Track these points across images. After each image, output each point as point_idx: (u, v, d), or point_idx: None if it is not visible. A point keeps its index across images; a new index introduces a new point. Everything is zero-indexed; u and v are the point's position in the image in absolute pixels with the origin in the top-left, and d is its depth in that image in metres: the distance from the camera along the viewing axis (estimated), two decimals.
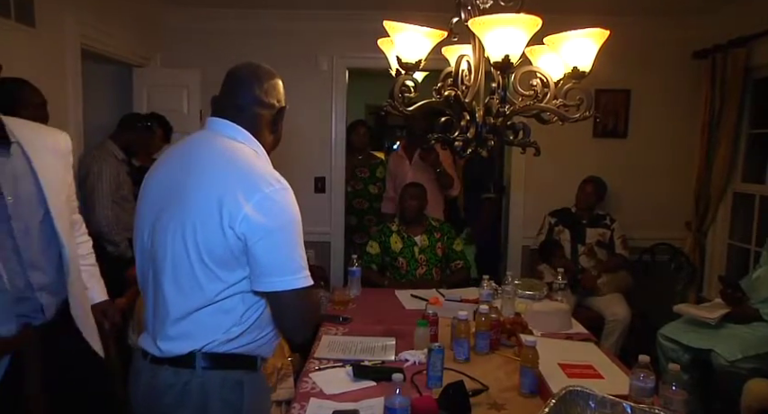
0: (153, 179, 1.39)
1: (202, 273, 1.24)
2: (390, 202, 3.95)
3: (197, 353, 1.28)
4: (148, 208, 1.35)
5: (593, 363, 1.90)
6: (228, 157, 1.29)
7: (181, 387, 1.28)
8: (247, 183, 1.23)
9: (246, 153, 1.31)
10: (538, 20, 1.41)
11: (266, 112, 1.39)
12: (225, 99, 1.39)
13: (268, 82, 1.39)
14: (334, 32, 4.02)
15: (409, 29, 1.51)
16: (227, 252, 1.22)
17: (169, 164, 1.38)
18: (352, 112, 4.59)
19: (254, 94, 1.37)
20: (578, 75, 1.60)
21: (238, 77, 1.38)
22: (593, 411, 1.38)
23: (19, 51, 2.52)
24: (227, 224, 1.20)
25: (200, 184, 1.25)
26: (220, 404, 1.29)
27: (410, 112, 1.59)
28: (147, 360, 1.32)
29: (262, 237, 1.21)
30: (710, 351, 2.56)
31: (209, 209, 1.21)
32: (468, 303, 2.47)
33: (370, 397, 1.67)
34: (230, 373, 1.31)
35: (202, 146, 1.34)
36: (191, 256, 1.23)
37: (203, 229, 1.22)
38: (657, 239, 4.00)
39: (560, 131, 2.16)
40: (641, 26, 3.78)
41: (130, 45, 3.58)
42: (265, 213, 1.21)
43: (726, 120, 3.61)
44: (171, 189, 1.30)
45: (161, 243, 1.28)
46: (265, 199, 1.22)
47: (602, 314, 3.40)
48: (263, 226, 1.21)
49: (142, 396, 1.34)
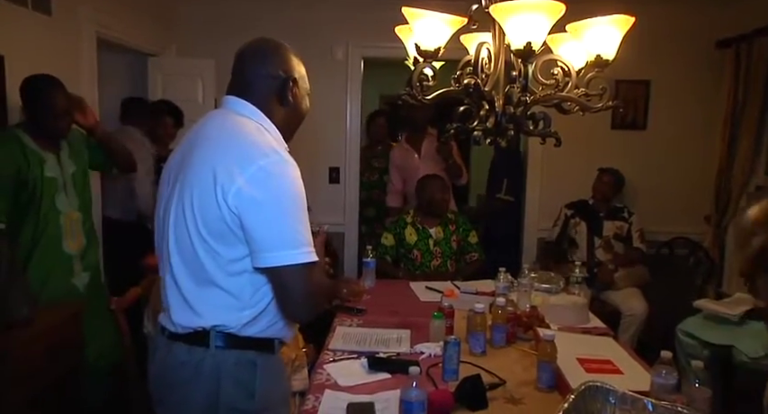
0: (170, 161, 1.41)
1: (201, 247, 1.24)
2: (397, 195, 3.90)
3: (211, 331, 1.27)
4: (164, 187, 1.38)
5: (612, 358, 1.87)
6: (230, 131, 1.29)
7: (194, 365, 1.28)
8: (242, 155, 1.22)
9: (248, 126, 1.30)
10: (561, 5, 1.37)
11: (272, 84, 1.37)
12: (234, 77, 1.40)
13: (272, 54, 1.38)
14: (349, 21, 3.99)
15: (429, 15, 1.48)
16: (222, 225, 1.22)
17: (183, 144, 1.40)
18: (366, 103, 4.56)
19: (258, 67, 1.36)
20: (601, 63, 1.57)
21: (244, 55, 1.39)
22: (613, 407, 1.35)
23: (35, 39, 2.52)
24: (221, 197, 1.19)
25: (199, 158, 1.26)
26: (233, 384, 1.28)
27: (429, 100, 1.56)
28: (165, 336, 1.34)
29: (255, 210, 1.20)
30: (731, 347, 2.52)
31: (206, 182, 1.22)
32: (484, 296, 2.45)
33: (385, 390, 1.65)
34: (245, 353, 1.30)
35: (210, 123, 1.36)
36: (189, 230, 1.25)
37: (200, 203, 1.22)
38: (676, 233, 3.94)
39: (578, 122, 2.11)
40: (662, 15, 3.68)
41: (145, 34, 3.58)
42: (259, 185, 1.19)
43: (749, 112, 3.53)
44: (180, 166, 1.32)
45: (168, 218, 1.31)
46: (260, 170, 1.20)
47: (619, 308, 3.35)
48: (256, 198, 1.19)
49: (156, 371, 1.36)
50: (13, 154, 2.12)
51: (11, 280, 1.82)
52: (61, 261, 2.27)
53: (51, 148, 2.26)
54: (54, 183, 2.23)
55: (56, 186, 2.24)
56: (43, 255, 2.20)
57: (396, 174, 3.90)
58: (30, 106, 2.19)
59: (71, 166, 2.34)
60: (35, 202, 2.17)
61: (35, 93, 2.17)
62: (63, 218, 2.27)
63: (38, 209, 2.18)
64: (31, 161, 2.16)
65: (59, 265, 2.27)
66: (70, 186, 2.32)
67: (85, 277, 2.36)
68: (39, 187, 2.17)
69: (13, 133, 2.19)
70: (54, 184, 2.23)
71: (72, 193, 2.32)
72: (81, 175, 2.40)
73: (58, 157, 2.28)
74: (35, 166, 2.17)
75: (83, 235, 2.37)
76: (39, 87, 2.18)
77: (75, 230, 2.33)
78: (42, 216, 2.19)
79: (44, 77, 2.20)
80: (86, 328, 2.19)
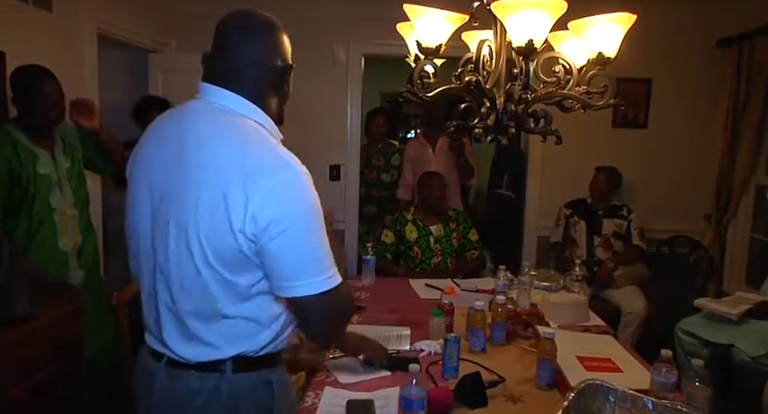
0: (145, 159, 1.19)
1: (213, 279, 1.08)
2: (407, 188, 3.92)
3: (228, 360, 1.15)
4: (144, 192, 1.16)
5: (612, 356, 1.87)
6: (230, 138, 1.09)
7: (208, 393, 1.15)
8: (253, 171, 1.03)
9: (249, 131, 1.11)
10: (563, 3, 1.37)
11: (267, 75, 1.18)
12: (217, 61, 1.17)
13: (266, 37, 1.17)
14: (349, 18, 3.98)
15: (430, 12, 1.47)
16: (238, 255, 1.06)
17: (163, 142, 1.17)
18: (366, 100, 4.56)
19: (249, 54, 1.15)
20: (603, 61, 1.57)
21: (229, 33, 1.16)
22: (612, 406, 1.35)
23: (36, 35, 2.52)
24: (235, 224, 1.03)
25: (201, 177, 1.06)
26: (251, 407, 1.19)
27: (429, 98, 1.55)
28: (163, 363, 1.18)
29: (276, 236, 1.04)
30: (731, 346, 2.52)
31: (213, 207, 1.04)
32: (484, 293, 2.45)
33: (384, 387, 1.65)
34: (260, 373, 1.19)
35: (198, 122, 1.13)
36: (196, 262, 1.07)
37: (208, 231, 1.05)
38: (676, 232, 3.93)
39: (579, 120, 2.11)
40: (664, 13, 3.67)
41: (146, 30, 3.57)
42: (277, 207, 1.03)
43: (751, 111, 3.52)
44: (169, 177, 1.12)
45: (162, 243, 1.12)
46: (275, 189, 1.03)
47: (619, 306, 3.35)
48: (277, 222, 1.03)
49: (160, 400, 1.19)
50: (4, 151, 2.10)
51: (12, 275, 1.82)
52: (57, 258, 2.26)
53: (44, 144, 2.24)
54: (47, 179, 2.21)
55: (49, 183, 2.22)
56: (38, 252, 2.19)
57: (408, 167, 3.92)
58: (20, 97, 2.16)
59: (65, 161, 2.32)
60: (28, 199, 2.15)
61: (25, 82, 2.14)
62: (57, 215, 2.25)
63: (31, 206, 2.16)
64: (23, 158, 2.14)
65: (55, 263, 2.25)
66: (65, 182, 2.29)
67: (82, 274, 2.36)
68: (32, 184, 2.16)
69: (4, 129, 2.16)
70: (47, 181, 2.21)
71: (67, 189, 2.30)
72: (76, 171, 2.38)
73: (51, 153, 2.25)
74: (27, 162, 2.15)
75: (78, 232, 2.35)
76: (29, 77, 2.15)
77: (71, 227, 2.31)
78: (36, 213, 2.18)
79: (34, 67, 2.18)
80: (86, 324, 2.19)
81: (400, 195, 3.99)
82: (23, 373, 1.82)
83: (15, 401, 1.77)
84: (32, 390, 1.85)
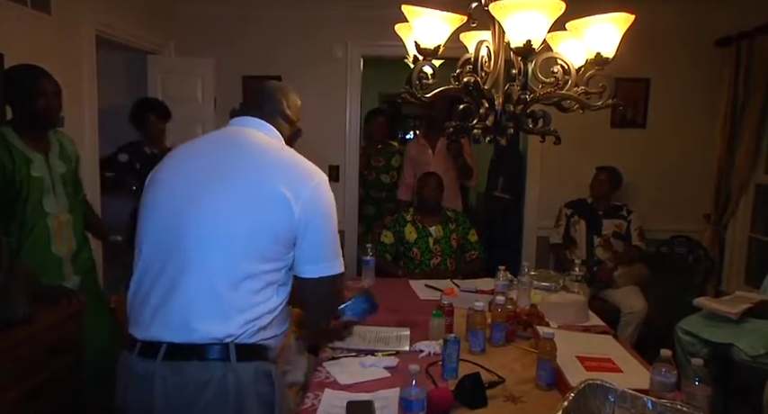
0: (177, 168, 1.38)
1: (249, 249, 1.26)
2: (408, 188, 3.93)
3: (230, 344, 1.24)
4: (172, 197, 1.32)
5: (612, 356, 1.87)
6: (273, 147, 1.39)
7: (217, 382, 1.22)
8: (301, 173, 1.33)
9: (284, 147, 1.42)
10: (561, 3, 1.37)
11: (287, 127, 1.49)
12: (250, 107, 1.46)
13: (293, 99, 1.50)
14: (348, 19, 3.98)
15: (428, 13, 1.47)
16: (286, 233, 1.28)
17: (197, 153, 1.40)
18: (365, 101, 4.57)
19: (280, 106, 1.47)
20: (601, 61, 1.57)
21: (266, 89, 1.49)
22: (612, 405, 1.35)
23: (35, 38, 2.52)
24: (289, 209, 1.26)
25: (254, 168, 1.31)
26: (256, 399, 1.26)
27: (428, 98, 1.56)
28: (159, 358, 1.23)
29: (315, 224, 1.30)
30: (731, 346, 2.52)
31: (269, 193, 1.27)
32: (484, 294, 2.45)
33: (384, 388, 1.65)
34: (260, 364, 1.29)
35: (238, 135, 1.40)
36: (236, 237, 1.26)
37: (264, 220, 1.27)
38: (675, 232, 3.93)
39: (578, 120, 2.11)
40: (662, 13, 3.67)
41: (145, 32, 3.57)
42: (318, 202, 1.32)
43: (750, 110, 3.53)
44: (209, 175, 1.31)
45: (195, 225, 1.27)
46: (317, 187, 1.32)
47: (618, 306, 3.35)
48: (317, 213, 1.31)
49: (162, 400, 1.22)
50: None
51: (11, 277, 1.81)
52: (50, 263, 2.22)
53: (39, 147, 2.20)
54: (41, 183, 2.17)
55: (42, 187, 2.18)
56: (30, 257, 2.14)
57: (409, 168, 3.93)
58: (16, 95, 2.14)
59: (60, 166, 2.28)
60: (20, 202, 2.12)
61: (21, 79, 2.12)
62: (51, 219, 2.20)
63: (23, 209, 2.13)
64: (17, 160, 2.11)
65: (48, 268, 2.21)
66: (59, 187, 2.25)
67: (77, 280, 2.32)
68: (24, 187, 2.12)
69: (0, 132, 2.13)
70: (40, 185, 2.17)
71: (61, 193, 2.26)
72: (71, 176, 2.34)
73: (46, 157, 2.21)
74: (21, 165, 2.11)
75: (73, 237, 2.32)
76: (24, 73, 2.14)
77: (65, 232, 2.27)
78: (28, 217, 2.14)
79: (29, 65, 2.17)
80: (83, 328, 2.18)
81: (401, 196, 4.00)
82: (22, 375, 1.81)
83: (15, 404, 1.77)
84: (31, 392, 1.85)
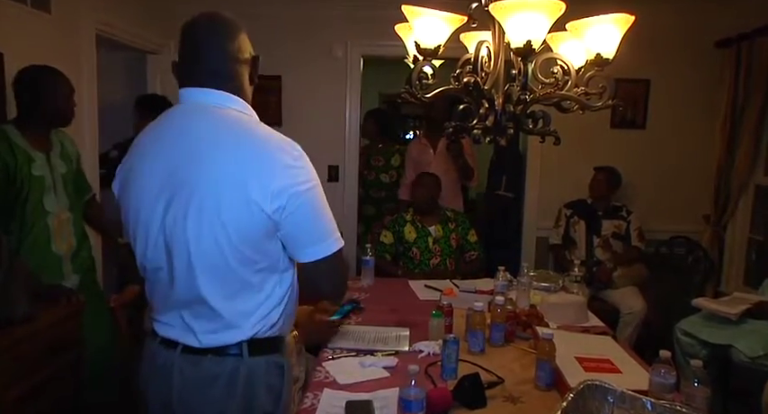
0: (146, 165, 1.24)
1: (232, 256, 1.17)
2: (408, 188, 3.92)
3: (243, 343, 1.23)
4: (151, 197, 1.21)
5: (611, 356, 1.87)
6: (235, 130, 1.20)
7: (227, 376, 1.22)
8: (267, 157, 1.16)
9: (247, 122, 1.23)
10: (561, 4, 1.38)
11: (244, 69, 1.28)
12: (192, 64, 1.24)
13: (235, 35, 1.25)
14: (348, 19, 3.98)
15: (428, 13, 1.47)
16: (257, 230, 1.16)
17: (163, 146, 1.23)
18: (365, 101, 4.56)
19: (225, 52, 1.23)
20: (601, 62, 1.57)
21: (199, 37, 1.23)
22: (611, 406, 1.35)
23: (35, 37, 2.52)
24: (256, 203, 1.13)
25: (215, 165, 1.15)
26: (265, 391, 1.26)
27: (428, 98, 1.56)
28: (178, 351, 1.24)
29: (293, 209, 1.16)
30: (730, 347, 2.52)
31: (232, 189, 1.14)
32: (483, 294, 2.45)
33: (383, 388, 1.65)
34: (271, 356, 1.28)
35: (196, 121, 1.22)
36: (218, 240, 1.15)
37: (229, 210, 1.14)
38: (675, 232, 3.94)
39: (577, 121, 2.11)
40: (663, 14, 3.67)
41: (145, 32, 3.57)
42: (291, 184, 1.16)
43: (750, 111, 3.53)
44: (176, 174, 1.18)
45: (179, 232, 1.17)
46: (288, 169, 1.17)
47: (618, 307, 3.36)
48: (293, 197, 1.16)
49: (180, 390, 1.24)
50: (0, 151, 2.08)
51: (11, 275, 1.81)
52: (49, 262, 2.23)
53: (41, 146, 2.22)
54: (42, 182, 2.19)
55: (43, 186, 2.19)
56: (30, 255, 2.15)
57: (410, 168, 3.93)
58: (30, 96, 2.15)
59: (62, 166, 2.29)
60: (21, 201, 2.13)
61: (36, 80, 2.14)
62: (51, 218, 2.22)
63: (23, 207, 2.14)
64: (19, 159, 2.12)
65: (48, 266, 2.22)
66: (60, 186, 2.27)
67: (76, 278, 2.33)
68: (26, 185, 2.13)
69: (2, 130, 2.14)
70: (41, 184, 2.19)
71: (62, 193, 2.27)
72: (72, 176, 2.36)
73: (47, 156, 2.23)
74: (23, 163, 2.13)
75: (73, 236, 2.33)
76: (39, 75, 2.16)
77: (65, 231, 2.29)
78: (28, 215, 2.15)
79: (41, 66, 2.20)
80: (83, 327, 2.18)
81: (402, 196, 3.99)
82: (22, 374, 1.82)
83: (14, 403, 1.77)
84: (31, 390, 1.85)
